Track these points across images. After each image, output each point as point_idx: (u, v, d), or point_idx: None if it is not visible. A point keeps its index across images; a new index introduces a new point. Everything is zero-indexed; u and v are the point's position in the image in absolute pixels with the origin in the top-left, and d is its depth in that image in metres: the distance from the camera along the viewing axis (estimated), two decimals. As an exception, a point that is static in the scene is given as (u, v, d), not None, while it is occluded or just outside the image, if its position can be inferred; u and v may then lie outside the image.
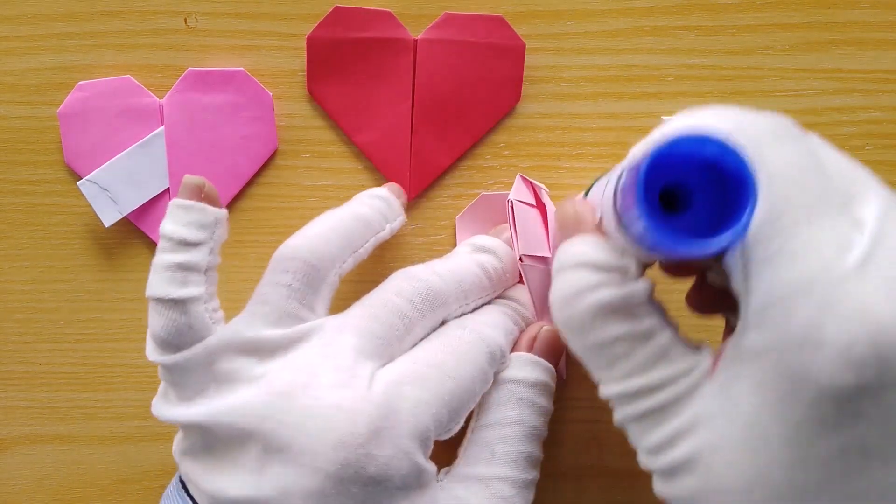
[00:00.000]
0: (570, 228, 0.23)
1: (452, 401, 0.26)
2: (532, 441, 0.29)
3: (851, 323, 0.17)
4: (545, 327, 0.31)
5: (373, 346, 0.26)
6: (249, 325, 0.26)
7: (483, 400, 0.29)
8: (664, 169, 0.18)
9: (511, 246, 0.31)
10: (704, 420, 0.20)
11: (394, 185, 0.33)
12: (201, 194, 0.27)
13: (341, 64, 0.34)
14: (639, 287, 0.21)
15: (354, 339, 0.26)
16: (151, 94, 0.34)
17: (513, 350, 0.30)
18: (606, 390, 0.22)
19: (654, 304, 0.22)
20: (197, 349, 0.26)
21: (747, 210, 0.17)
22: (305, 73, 0.34)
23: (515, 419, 0.28)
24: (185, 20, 0.34)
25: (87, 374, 0.36)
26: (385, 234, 0.30)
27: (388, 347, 0.27)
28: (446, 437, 0.28)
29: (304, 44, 0.34)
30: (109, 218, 0.34)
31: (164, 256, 0.27)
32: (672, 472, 0.21)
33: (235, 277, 0.35)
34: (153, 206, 0.35)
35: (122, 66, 0.34)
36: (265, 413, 0.24)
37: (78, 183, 0.34)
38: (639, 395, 0.21)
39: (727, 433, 0.19)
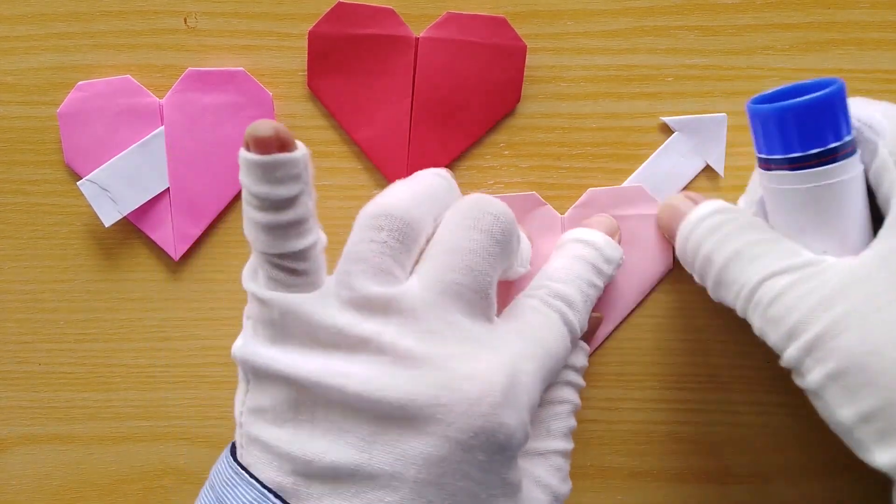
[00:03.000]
0: (677, 211, 0.31)
1: (549, 377, 0.27)
2: (574, 416, 0.31)
3: None
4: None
5: (477, 305, 0.25)
6: (351, 281, 0.24)
7: None
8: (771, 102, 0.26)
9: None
10: (855, 284, 0.23)
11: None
12: (278, 141, 0.23)
13: (342, 60, 0.34)
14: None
15: (460, 303, 0.25)
16: (151, 94, 0.34)
17: None
18: (755, 279, 0.26)
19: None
20: (309, 297, 0.24)
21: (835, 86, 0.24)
22: (306, 71, 0.34)
23: (566, 398, 0.30)
24: (185, 20, 0.34)
25: (87, 374, 0.36)
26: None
27: (486, 301, 0.26)
28: None
29: (304, 43, 0.34)
30: (109, 218, 0.34)
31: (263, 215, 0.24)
32: (827, 335, 0.23)
33: (236, 277, 0.35)
34: (153, 206, 0.35)
35: (122, 66, 0.34)
36: (390, 383, 0.23)
37: (78, 183, 0.34)
38: (784, 271, 0.25)
39: (885, 287, 0.23)
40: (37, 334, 0.36)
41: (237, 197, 0.35)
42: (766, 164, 0.26)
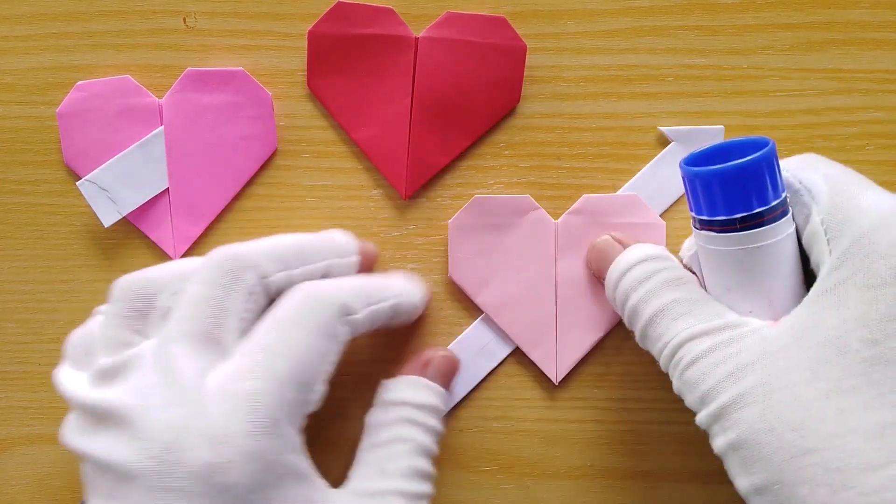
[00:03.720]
0: (606, 255, 0.31)
1: (294, 376, 0.25)
2: (421, 456, 0.29)
3: None
4: (440, 353, 0.32)
5: (195, 345, 0.25)
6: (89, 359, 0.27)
7: (371, 422, 0.30)
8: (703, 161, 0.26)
9: None
10: (767, 357, 0.23)
11: None
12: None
13: (342, 59, 0.34)
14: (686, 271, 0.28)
15: (178, 346, 0.25)
16: (151, 94, 0.34)
17: (403, 373, 0.32)
18: (675, 340, 0.26)
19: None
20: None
21: (766, 148, 0.24)
22: (305, 71, 0.34)
23: (404, 436, 0.29)
24: (185, 20, 0.34)
25: (86, 374, 0.36)
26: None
27: (211, 342, 0.25)
28: (314, 407, 0.27)
29: (304, 43, 0.34)
30: (109, 218, 0.34)
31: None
32: (731, 407, 0.23)
33: (235, 277, 0.35)
34: (153, 206, 0.35)
35: (122, 66, 0.34)
36: (124, 447, 0.24)
37: (77, 183, 0.34)
38: (704, 333, 0.25)
39: (795, 363, 0.23)
40: (37, 334, 0.36)
41: (237, 197, 0.35)
42: (696, 223, 0.26)
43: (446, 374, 0.33)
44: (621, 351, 0.35)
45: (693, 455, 0.35)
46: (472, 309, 0.35)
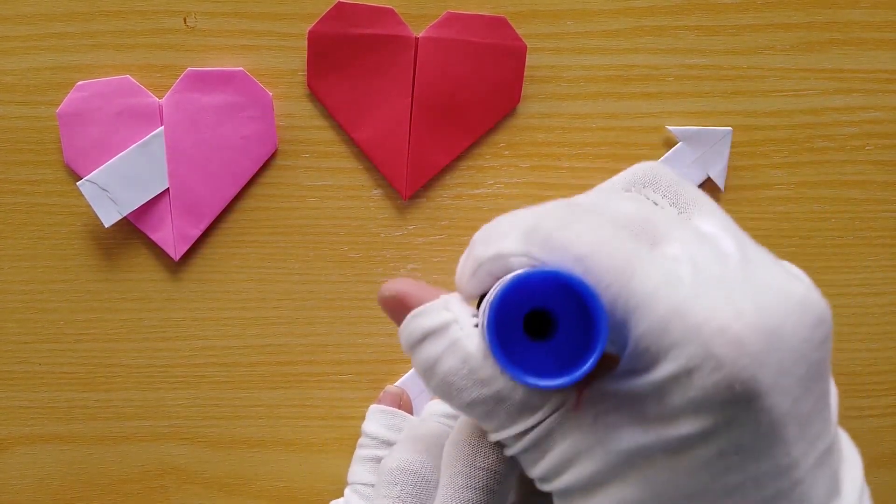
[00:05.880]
0: (397, 309, 0.23)
1: None
2: None
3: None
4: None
5: None
6: None
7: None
8: (531, 295, 0.18)
9: None
10: (578, 455, 0.20)
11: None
12: (399, 402, 0.34)
13: (342, 59, 0.34)
14: (473, 347, 0.21)
15: None
16: (151, 94, 0.34)
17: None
18: (490, 437, 0.22)
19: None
20: None
21: (594, 350, 0.18)
22: (305, 71, 0.34)
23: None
24: (185, 20, 0.34)
25: (87, 374, 0.36)
26: None
27: None
28: None
29: (304, 43, 0.34)
30: (109, 218, 0.34)
31: (366, 451, 0.33)
32: (564, 496, 0.21)
33: (236, 277, 0.35)
34: (153, 206, 0.35)
35: (122, 66, 0.34)
36: None
37: (77, 183, 0.34)
38: (511, 440, 0.21)
39: (605, 461, 0.20)
40: (37, 334, 0.36)
41: (237, 197, 0.35)
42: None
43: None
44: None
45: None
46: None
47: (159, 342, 0.36)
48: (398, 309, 0.23)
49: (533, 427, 0.20)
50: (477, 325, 0.21)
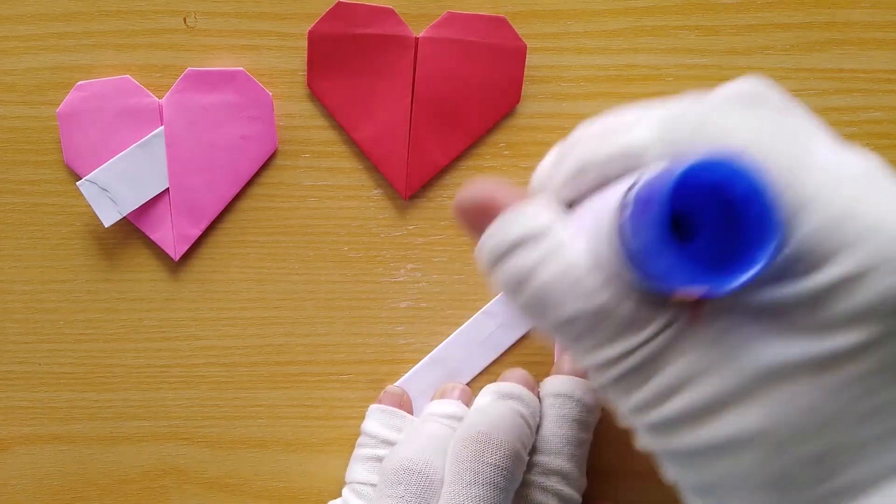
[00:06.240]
0: (480, 215, 0.20)
1: None
2: None
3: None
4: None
5: None
6: None
7: None
8: (678, 194, 0.16)
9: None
10: (699, 373, 0.18)
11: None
12: (400, 402, 0.34)
13: (342, 60, 0.34)
14: (576, 255, 0.19)
15: None
16: (151, 94, 0.34)
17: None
18: (582, 363, 0.20)
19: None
20: None
21: (766, 246, 0.15)
22: (305, 71, 0.34)
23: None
24: (185, 20, 0.34)
25: (87, 374, 0.36)
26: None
27: None
28: None
29: (304, 43, 0.34)
30: (109, 218, 0.34)
31: (365, 450, 0.33)
32: (666, 427, 0.19)
33: (236, 277, 0.35)
34: (153, 206, 0.35)
35: (122, 66, 0.34)
36: None
37: (77, 183, 0.34)
38: (610, 363, 0.19)
39: (735, 380, 0.17)
40: (37, 334, 0.36)
41: (237, 197, 0.35)
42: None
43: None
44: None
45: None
46: (471, 307, 0.35)
47: (159, 342, 0.36)
48: (481, 216, 0.20)
49: (641, 345, 0.18)
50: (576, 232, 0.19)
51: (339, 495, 0.34)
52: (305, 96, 0.34)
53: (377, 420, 0.34)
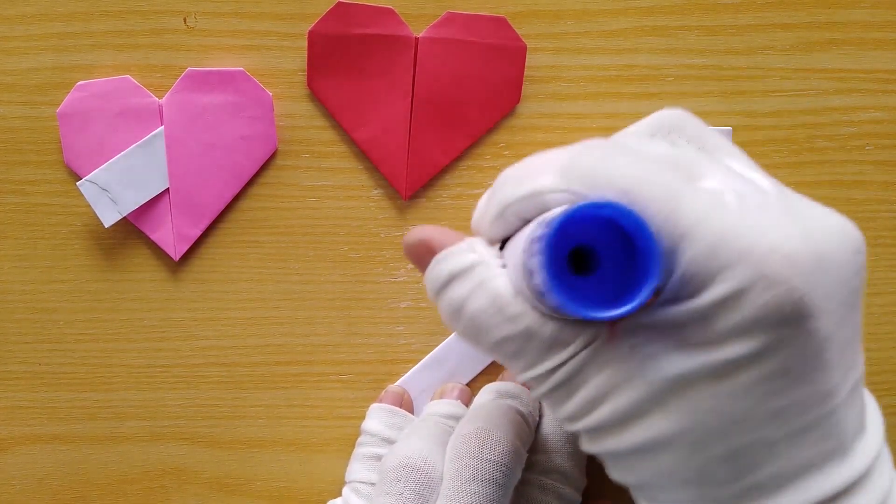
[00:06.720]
0: (423, 254, 0.23)
1: None
2: None
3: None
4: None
5: None
6: None
7: None
8: (573, 232, 0.18)
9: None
10: (616, 387, 0.19)
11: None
12: (401, 402, 0.34)
13: (342, 60, 0.34)
14: (501, 286, 0.21)
15: None
16: (151, 94, 0.34)
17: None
18: (517, 378, 0.22)
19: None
20: None
21: (649, 279, 0.17)
22: (305, 71, 0.34)
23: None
24: (185, 20, 0.34)
25: (87, 374, 0.36)
26: None
27: None
28: None
29: (304, 43, 0.34)
30: (109, 218, 0.34)
31: (366, 449, 0.33)
32: (594, 433, 0.21)
33: (236, 277, 0.35)
34: (153, 206, 0.35)
35: (122, 66, 0.34)
36: None
37: (77, 183, 0.34)
38: (540, 379, 0.21)
39: (646, 391, 0.19)
40: (37, 334, 0.36)
41: (237, 197, 0.35)
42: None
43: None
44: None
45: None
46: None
47: (159, 342, 0.36)
48: (424, 254, 0.23)
49: (564, 362, 0.20)
50: (504, 266, 0.21)
51: (340, 495, 0.34)
52: (305, 96, 0.34)
53: (379, 419, 0.34)
